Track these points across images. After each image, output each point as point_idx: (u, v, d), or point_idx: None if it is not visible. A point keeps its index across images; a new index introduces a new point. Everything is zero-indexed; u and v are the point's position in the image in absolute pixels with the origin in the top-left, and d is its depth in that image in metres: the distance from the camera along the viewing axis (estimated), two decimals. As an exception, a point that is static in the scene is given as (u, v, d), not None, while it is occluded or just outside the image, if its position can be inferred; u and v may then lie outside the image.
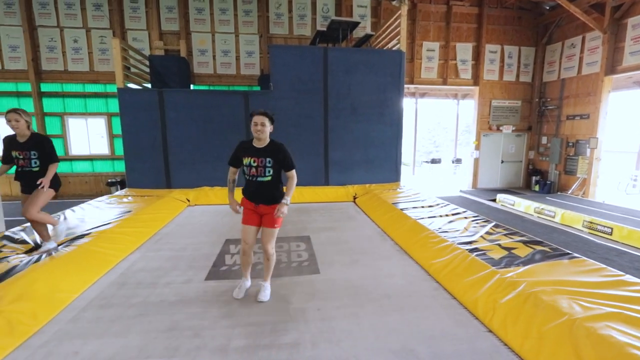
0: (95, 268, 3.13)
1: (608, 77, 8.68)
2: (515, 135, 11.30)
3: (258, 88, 9.11)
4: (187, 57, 9.08)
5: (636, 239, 5.68)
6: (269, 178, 2.50)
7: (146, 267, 3.33)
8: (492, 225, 3.97)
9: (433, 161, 14.91)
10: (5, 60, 8.62)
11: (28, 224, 3.88)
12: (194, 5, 9.17)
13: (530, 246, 3.23)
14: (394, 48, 7.05)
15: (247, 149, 2.53)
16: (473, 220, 4.24)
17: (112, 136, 9.35)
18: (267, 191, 2.52)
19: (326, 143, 6.90)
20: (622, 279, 2.42)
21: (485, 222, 4.09)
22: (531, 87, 11.05)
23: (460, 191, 11.03)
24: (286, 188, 2.60)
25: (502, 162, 11.38)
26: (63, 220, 4.16)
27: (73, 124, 9.28)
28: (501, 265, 2.83)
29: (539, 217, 7.76)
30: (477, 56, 10.53)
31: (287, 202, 2.52)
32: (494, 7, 10.42)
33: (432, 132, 28.76)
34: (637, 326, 1.87)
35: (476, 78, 10.66)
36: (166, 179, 6.63)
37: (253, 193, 2.55)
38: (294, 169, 2.61)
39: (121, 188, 8.70)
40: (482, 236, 3.60)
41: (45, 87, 8.93)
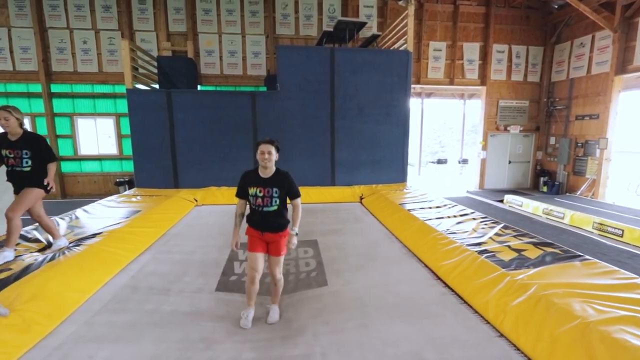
0: (107, 268, 3.17)
1: (618, 77, 8.56)
2: (522, 135, 11.19)
3: (264, 88, 9.14)
4: (195, 58, 9.15)
5: (648, 241, 5.60)
6: (275, 207, 2.48)
7: (157, 271, 3.36)
8: (501, 226, 3.94)
9: (439, 161, 14.81)
10: (16, 61, 8.77)
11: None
12: (201, 6, 9.23)
13: (540, 248, 3.20)
14: (401, 48, 7.03)
15: (253, 179, 2.49)
16: (482, 221, 4.21)
17: (121, 136, 9.45)
18: (273, 220, 2.50)
19: (333, 143, 6.90)
20: (636, 282, 2.39)
21: (494, 224, 4.06)
22: (539, 87, 10.94)
23: (466, 192, 10.96)
24: (293, 218, 2.59)
25: (510, 163, 11.28)
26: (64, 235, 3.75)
27: (82, 124, 9.41)
28: (511, 267, 2.81)
29: (548, 219, 7.68)
30: (485, 56, 10.45)
31: (296, 232, 2.56)
32: (502, 7, 10.34)
33: (438, 132, 28.59)
34: (653, 330, 1.85)
35: (483, 78, 10.58)
36: (174, 179, 6.69)
37: (259, 222, 2.52)
38: (299, 197, 2.59)
39: (129, 188, 8.78)
40: (491, 237, 3.58)
41: (55, 88, 9.06)
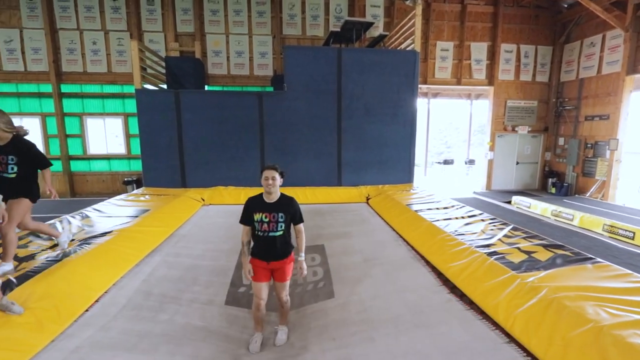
0: (117, 266, 3.22)
1: (630, 77, 8.42)
2: (531, 136, 11.07)
3: (271, 89, 9.16)
4: (202, 59, 9.20)
5: (660, 244, 5.51)
6: (281, 232, 2.49)
7: (168, 276, 3.41)
8: (510, 228, 3.90)
9: (445, 162, 14.71)
10: (28, 62, 8.90)
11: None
12: (209, 7, 9.29)
13: (550, 250, 3.17)
14: (408, 48, 7.01)
15: (258, 205, 2.49)
16: (490, 222, 4.18)
17: (129, 136, 9.55)
18: (279, 246, 2.50)
19: (339, 143, 6.90)
20: (650, 286, 2.36)
21: (503, 225, 4.03)
22: (548, 87, 10.81)
23: (473, 192, 10.87)
24: (298, 244, 2.62)
25: (517, 164, 11.17)
26: (66, 229, 3.76)
27: (91, 124, 9.53)
28: (521, 269, 2.78)
29: (556, 220, 7.59)
30: (492, 56, 10.36)
31: (304, 257, 2.60)
32: (510, 6, 10.23)
33: (444, 133, 28.39)
34: (668, 335, 1.82)
35: (491, 78, 10.49)
36: (181, 179, 6.74)
37: (264, 251, 2.50)
38: (303, 223, 2.63)
39: (137, 187, 8.87)
40: (501, 239, 3.55)
41: (65, 88, 9.18)
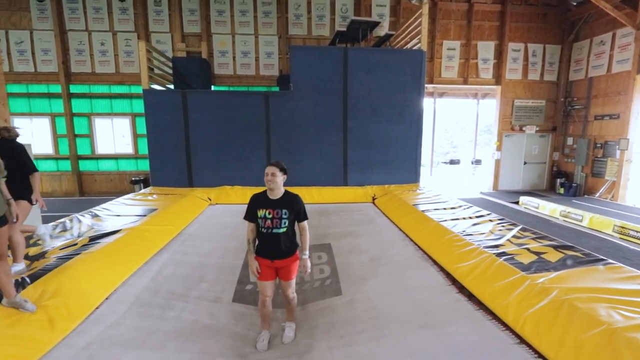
0: (126, 265, 3.24)
1: (640, 76, 8.30)
2: (539, 135, 10.95)
3: (276, 89, 9.18)
4: (208, 59, 9.25)
5: (672, 246, 5.41)
6: (285, 229, 2.45)
7: (176, 273, 3.43)
8: (519, 228, 3.86)
9: (452, 162, 14.62)
10: (38, 63, 9.04)
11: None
12: (215, 7, 9.33)
13: (560, 251, 3.12)
14: (415, 47, 6.97)
15: (262, 202, 2.48)
16: (498, 223, 4.14)
17: (136, 136, 9.64)
18: (283, 244, 2.46)
19: (345, 143, 6.89)
20: (664, 288, 2.32)
21: (511, 226, 3.99)
22: (556, 87, 10.68)
23: (480, 193, 10.79)
24: (302, 241, 2.59)
25: (525, 164, 11.05)
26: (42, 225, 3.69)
27: (99, 124, 9.63)
28: (531, 270, 2.75)
29: (565, 221, 7.49)
30: (500, 55, 10.26)
31: (308, 256, 2.58)
32: (518, 4, 10.13)
33: (449, 132, 28.17)
34: (684, 338, 1.79)
35: (498, 77, 10.40)
36: (188, 178, 6.78)
37: (269, 248, 2.48)
38: (307, 220, 2.59)
39: (144, 186, 8.94)
40: (509, 240, 3.51)
41: (74, 89, 9.30)
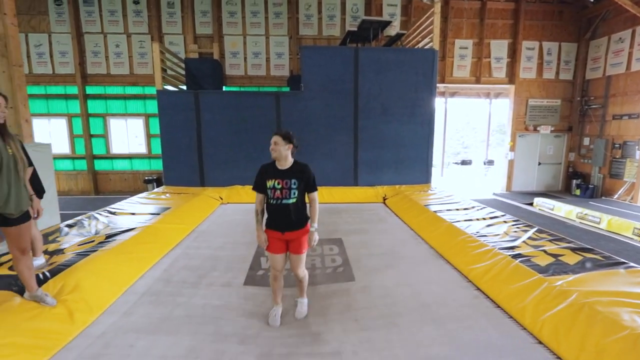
0: (142, 261, 3.30)
1: (662, 74, 8.04)
2: (554, 136, 10.71)
3: (287, 89, 9.22)
4: (220, 60, 9.35)
5: (695, 249, 5.22)
6: (294, 200, 2.38)
7: (188, 265, 3.47)
8: (535, 230, 3.78)
9: (463, 162, 14.43)
10: (55, 65, 9.28)
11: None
12: (227, 9, 9.42)
13: (579, 253, 3.05)
14: (426, 47, 6.90)
15: (271, 172, 2.41)
16: (513, 224, 4.06)
17: (149, 136, 9.80)
18: (293, 214, 2.39)
19: (356, 143, 6.87)
20: (690, 293, 2.24)
21: (527, 227, 3.91)
22: (572, 85, 10.43)
23: (493, 194, 10.61)
24: (311, 213, 2.50)
25: (539, 164, 10.82)
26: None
27: (114, 124, 9.83)
28: (548, 272, 2.69)
29: (582, 223, 7.30)
30: (513, 53, 10.08)
31: (316, 228, 2.46)
32: (532, 2, 9.92)
33: (461, 133, 27.80)
34: None
35: (512, 76, 10.21)
36: (200, 178, 6.86)
37: (279, 220, 2.40)
38: (317, 191, 2.51)
39: (157, 185, 9.09)
40: (525, 241, 3.45)
41: (89, 90, 9.51)
